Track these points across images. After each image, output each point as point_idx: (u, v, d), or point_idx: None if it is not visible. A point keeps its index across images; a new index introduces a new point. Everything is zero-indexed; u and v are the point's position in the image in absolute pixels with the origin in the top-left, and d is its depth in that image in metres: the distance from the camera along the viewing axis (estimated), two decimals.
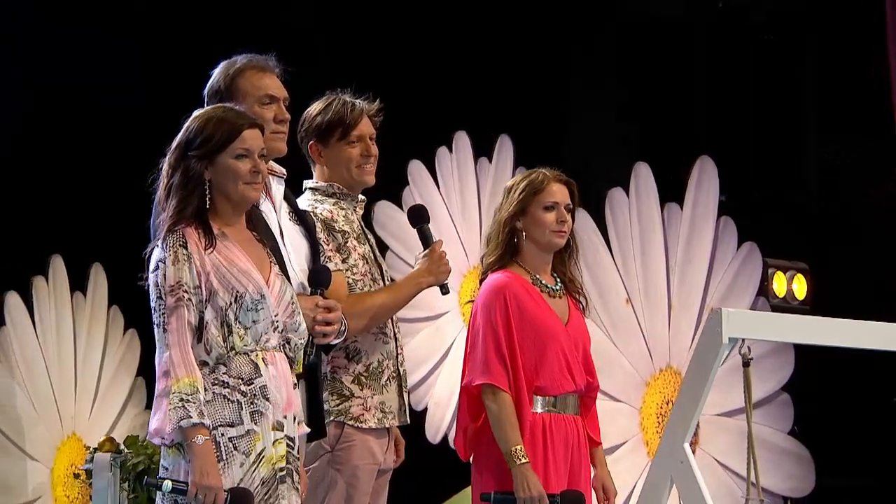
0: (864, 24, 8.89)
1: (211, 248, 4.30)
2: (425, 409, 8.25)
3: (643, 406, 8.58)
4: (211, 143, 4.35)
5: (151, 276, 4.29)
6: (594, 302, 8.53)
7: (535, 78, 8.61)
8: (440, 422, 8.56)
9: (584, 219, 8.65)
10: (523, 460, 4.91)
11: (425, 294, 8.41)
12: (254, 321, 4.31)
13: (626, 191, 8.63)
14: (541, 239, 5.08)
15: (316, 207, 5.16)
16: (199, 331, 4.26)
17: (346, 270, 5.12)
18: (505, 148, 8.76)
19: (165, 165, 4.39)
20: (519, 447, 4.91)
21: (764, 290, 8.83)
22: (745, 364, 5.06)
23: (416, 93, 8.43)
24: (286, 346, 4.43)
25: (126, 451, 7.68)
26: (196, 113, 4.46)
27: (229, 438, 4.22)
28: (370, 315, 5.08)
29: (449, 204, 8.68)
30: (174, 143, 4.41)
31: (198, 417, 4.14)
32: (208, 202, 4.35)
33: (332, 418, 5.04)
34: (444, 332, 8.68)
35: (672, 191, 8.68)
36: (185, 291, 4.23)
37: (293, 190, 5.19)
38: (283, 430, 4.31)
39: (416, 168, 8.65)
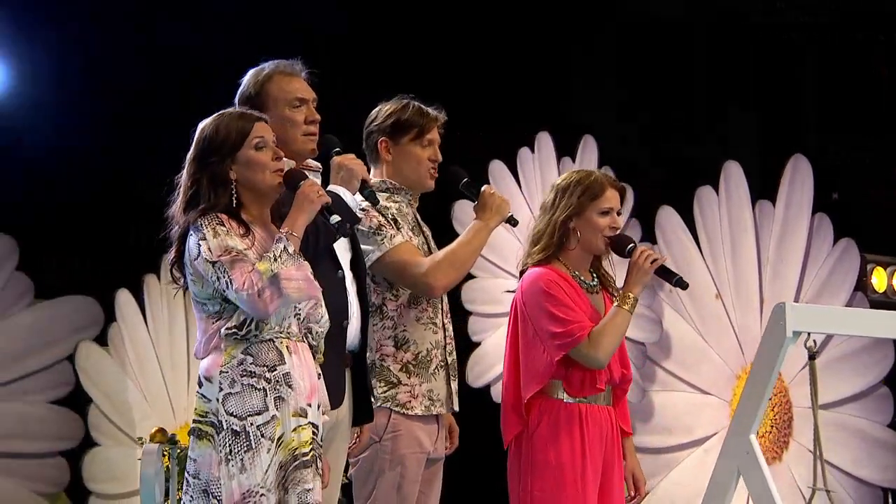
0: None
1: (244, 231, 4.30)
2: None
3: (734, 398, 8.51)
4: (229, 143, 4.37)
5: (197, 262, 4.27)
6: (683, 298, 8.57)
7: None
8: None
9: (671, 216, 8.64)
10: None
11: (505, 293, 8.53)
12: None
13: (716, 189, 8.58)
14: (593, 242, 5.04)
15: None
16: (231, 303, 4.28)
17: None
18: (589, 148, 8.75)
19: (185, 178, 4.39)
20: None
21: (862, 285, 8.70)
22: (811, 357, 4.98)
23: (495, 95, 8.45)
24: (308, 335, 4.43)
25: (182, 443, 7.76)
26: (202, 124, 4.46)
27: (257, 427, 4.22)
28: (454, 266, 5.05)
29: (531, 203, 8.67)
30: (190, 156, 4.41)
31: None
32: (236, 200, 4.36)
33: (379, 405, 5.03)
34: None
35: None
36: (238, 252, 4.22)
37: None
38: (306, 417, 4.31)
39: (498, 168, 8.70)
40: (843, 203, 9.18)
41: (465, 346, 8.56)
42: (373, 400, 4.99)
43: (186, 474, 4.27)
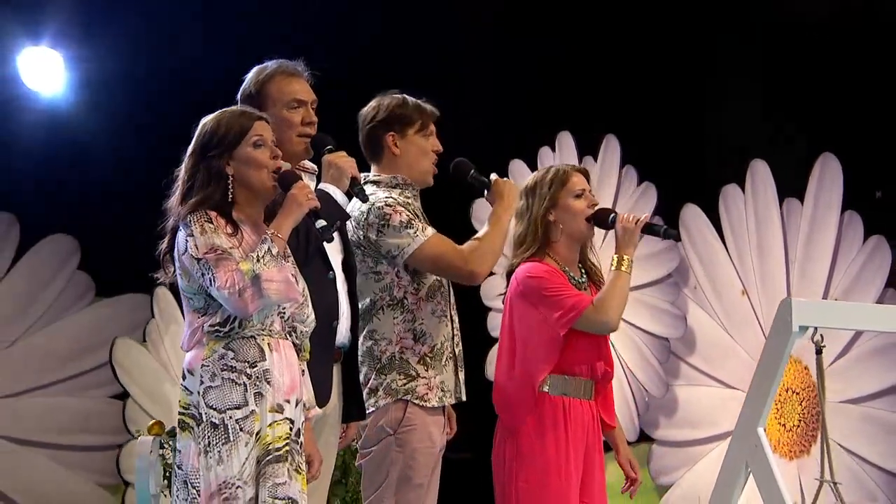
0: None
1: (232, 230, 4.35)
2: None
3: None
4: (228, 139, 4.42)
5: (184, 258, 4.33)
6: (707, 293, 8.57)
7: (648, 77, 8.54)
8: None
9: (695, 212, 8.63)
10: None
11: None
12: None
13: (742, 187, 8.56)
14: (575, 226, 5.10)
15: (391, 193, 5.18)
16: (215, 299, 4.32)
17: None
18: (611, 147, 8.77)
19: (183, 171, 4.45)
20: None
21: (894, 281, 8.66)
22: (818, 352, 5.03)
23: (516, 95, 8.47)
24: (293, 333, 4.47)
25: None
26: (204, 119, 4.52)
27: (236, 420, 4.27)
28: (491, 253, 5.08)
29: None
30: (190, 150, 4.47)
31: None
32: (231, 196, 4.41)
33: (398, 397, 5.07)
34: None
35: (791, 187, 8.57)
36: (223, 251, 4.27)
37: None
38: (282, 413, 4.35)
39: (518, 167, 8.71)
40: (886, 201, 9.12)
41: (485, 341, 8.61)
42: (383, 394, 5.05)
43: (174, 465, 4.33)
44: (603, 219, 5.07)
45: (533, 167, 8.66)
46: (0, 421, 9.08)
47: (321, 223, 4.45)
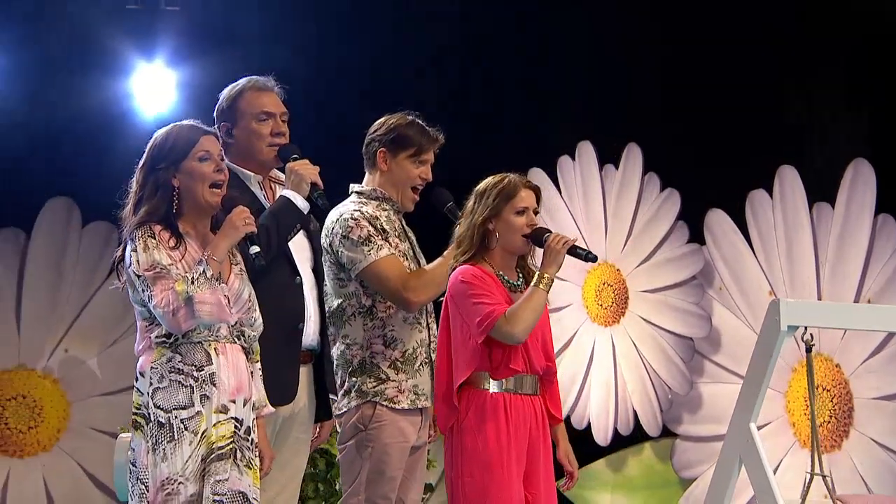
0: None
1: (175, 243, 4.47)
2: None
3: (789, 390, 8.50)
4: (175, 152, 4.54)
5: (129, 271, 4.47)
6: (734, 294, 8.62)
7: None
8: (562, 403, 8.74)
9: (720, 217, 8.68)
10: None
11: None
12: None
13: (769, 191, 8.60)
14: (511, 240, 5.11)
15: (361, 207, 5.24)
16: None
17: None
18: (633, 155, 8.82)
19: (134, 183, 4.58)
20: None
21: None
22: (808, 350, 5.06)
23: (536, 106, 8.49)
24: (241, 337, 4.59)
25: None
26: (156, 133, 4.64)
27: (181, 420, 4.40)
28: (434, 284, 5.17)
29: (572, 208, 8.81)
30: (140, 162, 4.60)
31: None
32: (175, 207, 4.53)
33: (367, 399, 5.15)
34: (566, 322, 8.84)
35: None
36: (162, 268, 4.41)
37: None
38: (227, 413, 4.47)
39: (537, 175, 8.77)
40: None
41: None
42: (355, 395, 5.15)
43: (129, 462, 4.47)
44: (538, 238, 5.09)
45: (552, 176, 8.79)
46: (101, 416, 9.21)
47: (255, 249, 4.57)
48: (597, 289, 8.93)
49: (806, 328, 4.95)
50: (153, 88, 8.43)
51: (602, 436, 8.82)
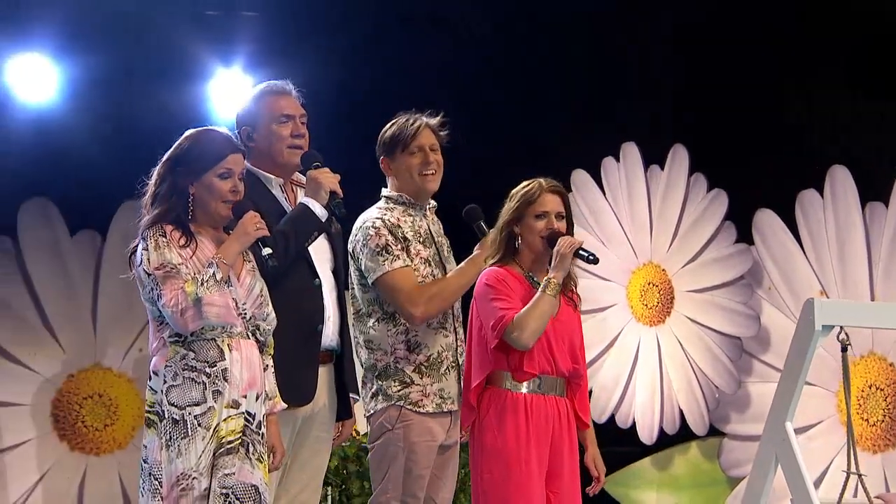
0: None
1: (187, 243, 4.52)
2: (590, 392, 8.37)
3: (840, 389, 8.46)
4: (200, 162, 4.58)
5: (139, 269, 4.53)
6: (783, 293, 8.59)
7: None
8: (606, 402, 8.75)
9: (769, 217, 8.65)
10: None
11: (594, 290, 8.54)
12: None
13: (820, 191, 8.57)
14: (532, 243, 5.17)
15: (385, 215, 5.30)
16: None
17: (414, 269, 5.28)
18: (679, 156, 8.82)
19: (155, 175, 4.63)
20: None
21: None
22: (843, 349, 5.08)
23: (580, 108, 8.47)
24: (256, 332, 4.64)
25: None
26: (187, 133, 4.68)
27: (195, 416, 4.45)
28: (439, 297, 5.22)
29: (616, 209, 8.80)
30: (165, 157, 4.64)
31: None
32: (190, 213, 4.59)
33: (392, 402, 5.20)
34: (610, 322, 8.85)
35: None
36: (172, 268, 4.46)
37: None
38: (238, 408, 4.51)
39: (580, 177, 8.80)
40: None
41: None
42: (381, 398, 5.20)
43: (141, 460, 4.52)
44: (552, 242, 5.15)
45: (596, 177, 8.81)
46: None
47: (267, 251, 4.62)
48: (642, 289, 8.92)
49: (841, 328, 4.97)
50: (231, 94, 8.46)
51: (647, 434, 8.80)
